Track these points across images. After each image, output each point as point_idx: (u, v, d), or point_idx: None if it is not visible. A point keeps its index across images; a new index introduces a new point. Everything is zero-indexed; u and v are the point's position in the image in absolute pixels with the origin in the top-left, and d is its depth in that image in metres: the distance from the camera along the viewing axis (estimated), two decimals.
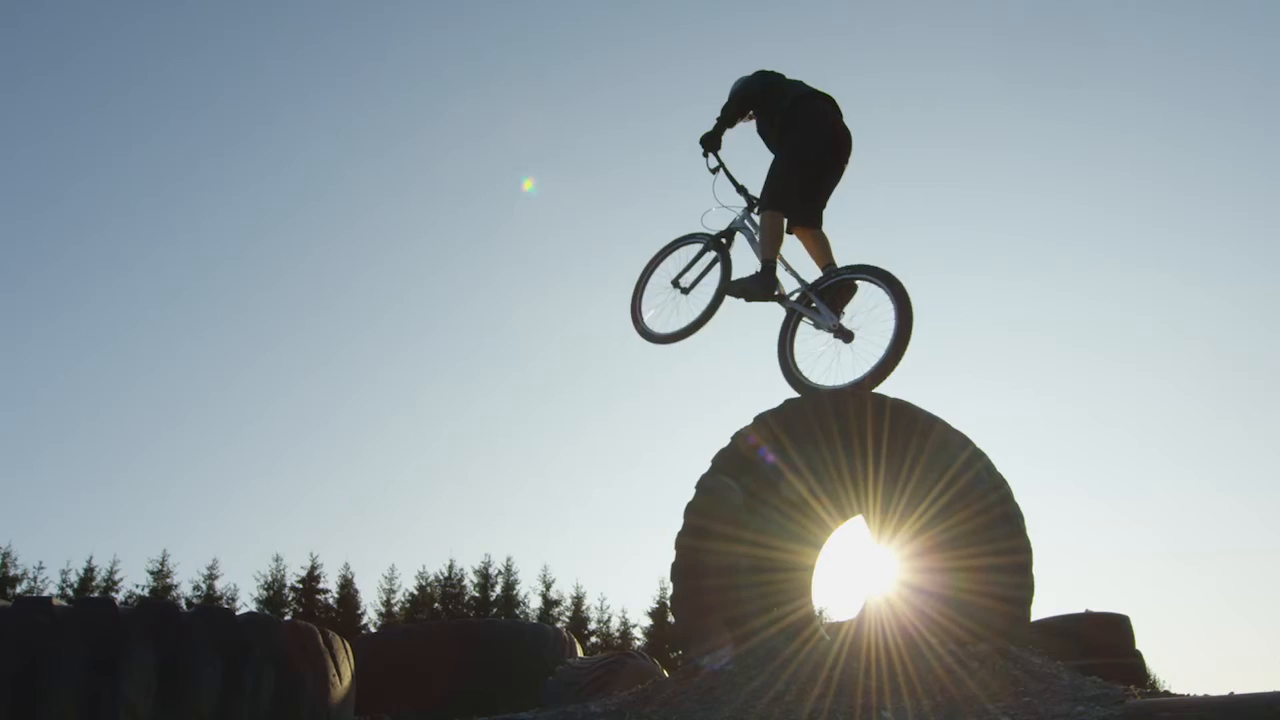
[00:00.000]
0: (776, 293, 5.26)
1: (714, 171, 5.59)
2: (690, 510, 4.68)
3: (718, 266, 5.56)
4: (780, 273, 5.29)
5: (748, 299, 5.32)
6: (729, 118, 5.57)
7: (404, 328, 51.04)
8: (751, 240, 5.52)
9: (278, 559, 28.33)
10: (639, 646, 28.48)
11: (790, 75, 5.68)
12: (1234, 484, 49.52)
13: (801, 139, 5.31)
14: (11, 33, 43.55)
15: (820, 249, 5.36)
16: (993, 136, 54.65)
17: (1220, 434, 50.05)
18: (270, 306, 49.23)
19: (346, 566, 28.96)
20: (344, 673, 2.70)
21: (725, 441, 4.75)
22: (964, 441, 4.29)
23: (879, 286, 4.90)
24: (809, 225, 5.35)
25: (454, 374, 49.78)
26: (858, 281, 5.10)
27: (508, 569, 30.58)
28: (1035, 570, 4.10)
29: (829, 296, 5.12)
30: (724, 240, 5.60)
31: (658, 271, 5.80)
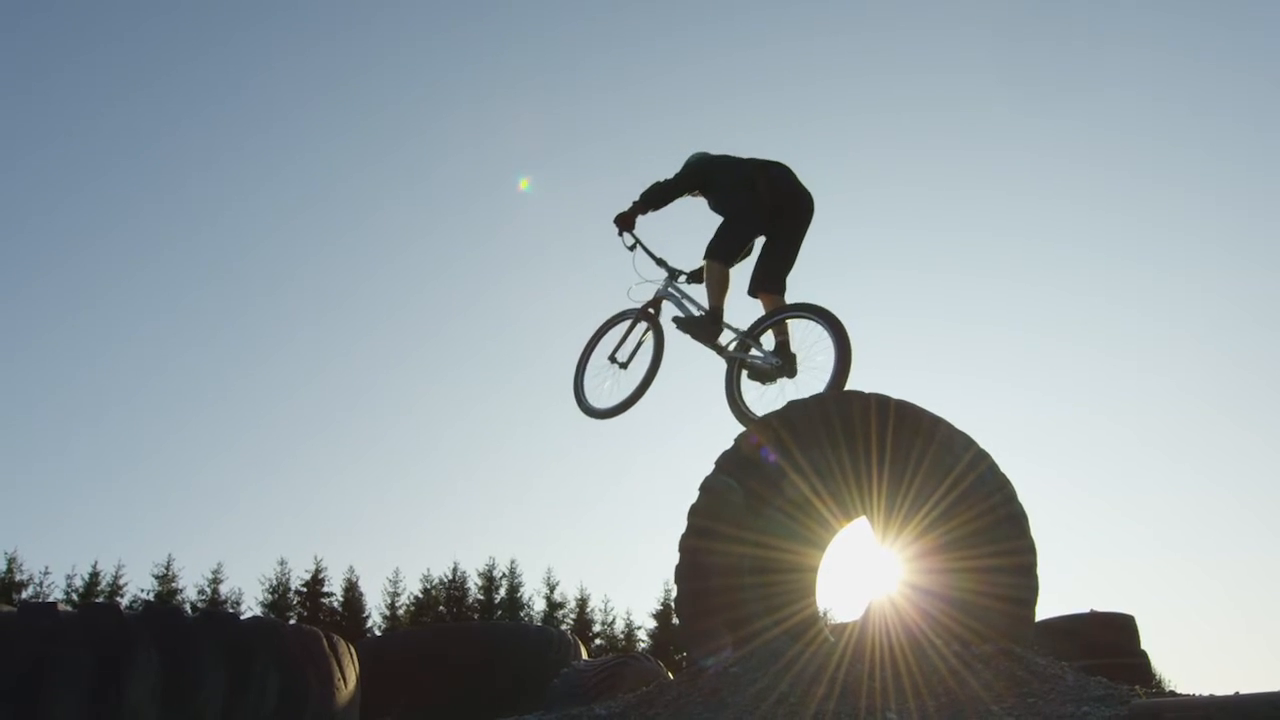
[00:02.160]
0: (719, 339, 5.40)
1: (631, 249, 5.75)
2: (694, 512, 4.68)
3: (651, 335, 5.73)
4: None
5: (693, 336, 5.48)
6: (649, 200, 5.69)
7: (407, 331, 51.10)
8: (679, 304, 5.69)
9: (282, 563, 28.42)
10: (643, 649, 28.45)
11: (741, 150, 5.74)
12: (1239, 484, 49.44)
13: (755, 201, 5.38)
14: (11, 36, 43.65)
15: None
16: (990, 136, 54.43)
17: (1226, 434, 49.98)
18: (273, 311, 49.29)
19: (351, 570, 29.05)
20: (349, 676, 2.70)
21: (729, 443, 4.75)
22: (968, 442, 4.28)
23: (816, 323, 5.02)
24: (773, 291, 5.42)
25: (457, 377, 49.82)
26: (796, 320, 5.22)
27: (512, 572, 30.62)
28: (1040, 571, 4.10)
29: (767, 341, 5.28)
30: (652, 310, 5.77)
31: (596, 351, 5.98)
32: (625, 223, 5.73)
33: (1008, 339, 52.74)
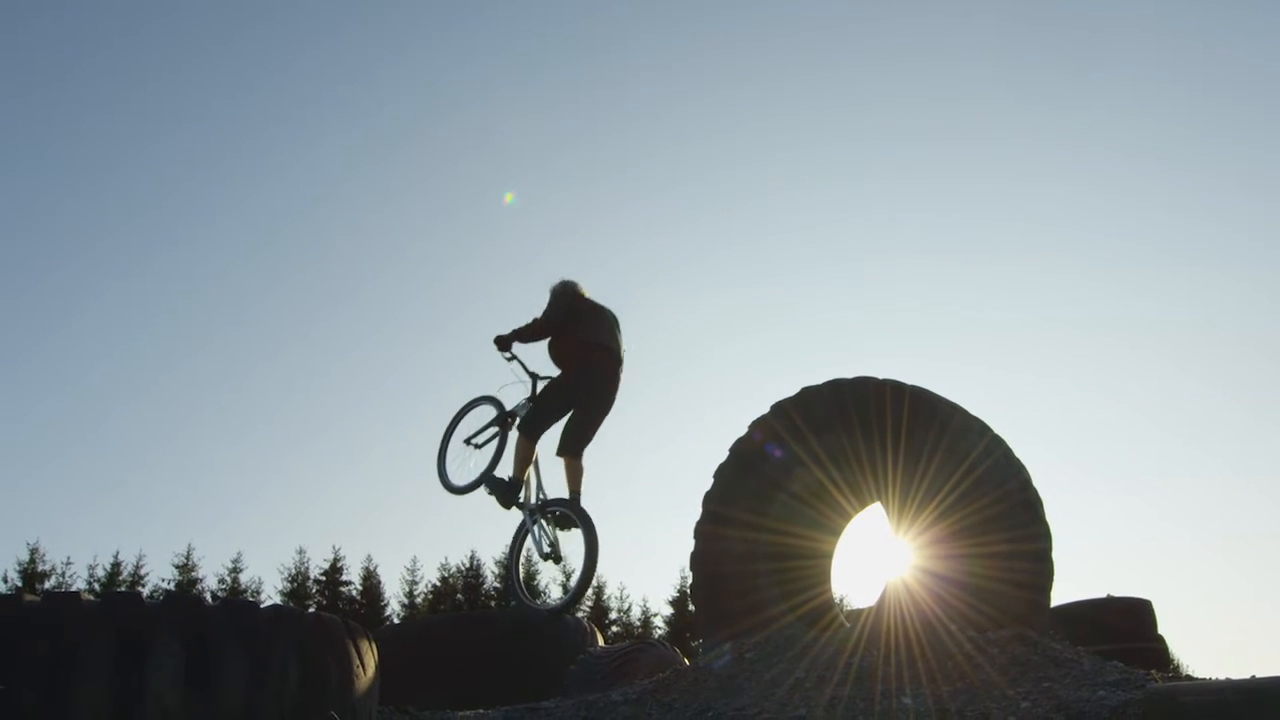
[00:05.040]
0: (520, 501, 6.57)
1: (509, 360, 6.79)
2: (709, 499, 4.69)
3: (496, 442, 6.85)
4: (534, 472, 6.65)
5: (497, 498, 6.59)
6: (525, 337, 6.63)
7: (423, 321, 51.25)
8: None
9: (301, 552, 28.59)
10: (659, 636, 28.52)
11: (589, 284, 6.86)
12: (1256, 469, 49.10)
13: (571, 389, 6.46)
14: (12, 39, 43.79)
15: (573, 477, 6.54)
16: (996, 127, 53.73)
17: (1242, 420, 49.62)
18: (292, 303, 49.51)
19: (369, 559, 29.18)
20: (367, 664, 2.72)
21: (744, 430, 4.75)
22: (983, 428, 4.27)
23: (581, 533, 6.19)
24: (574, 454, 6.54)
25: (472, 365, 49.94)
26: (571, 518, 6.34)
27: (528, 560, 30.70)
28: (1055, 556, 4.10)
29: (553, 522, 6.50)
30: (509, 419, 6.86)
31: (462, 423, 7.13)
32: (502, 345, 6.71)
33: (1021, 326, 52.46)
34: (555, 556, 6.50)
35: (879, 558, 4.57)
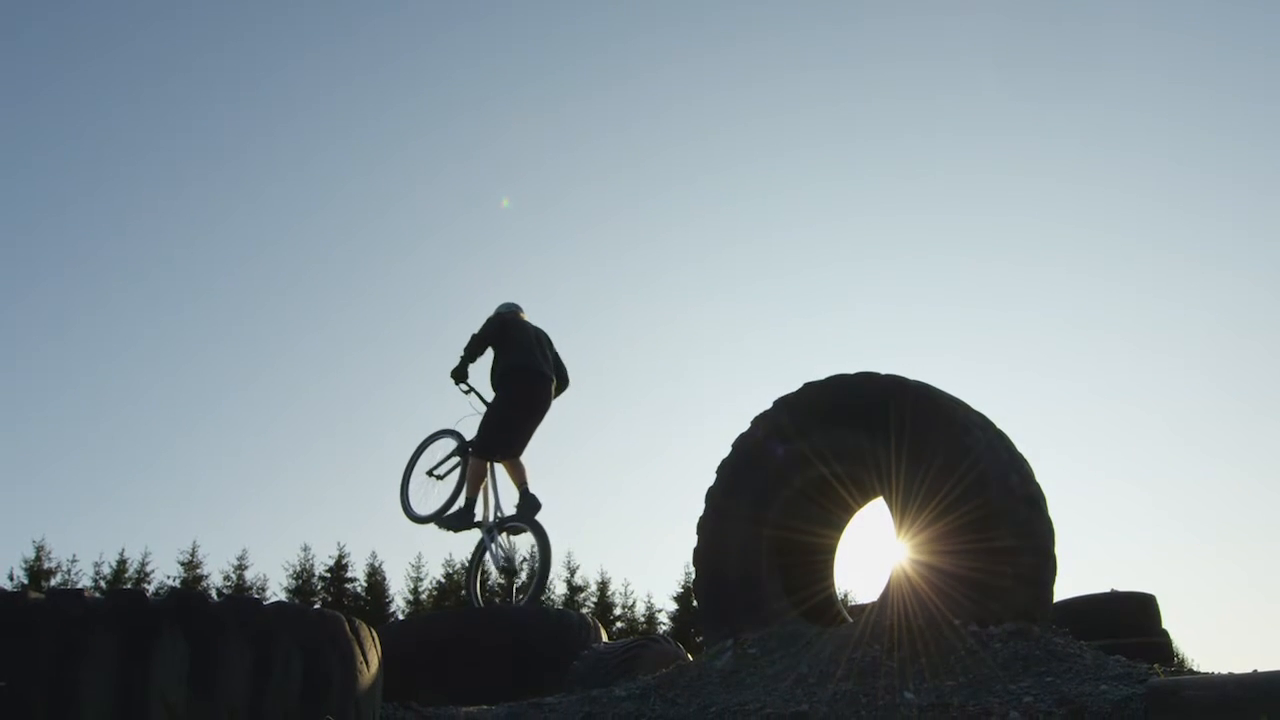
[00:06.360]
0: (477, 521, 7.05)
1: (466, 393, 7.26)
2: (712, 494, 4.70)
3: (458, 471, 7.34)
4: (482, 501, 7.14)
5: (452, 531, 7.05)
6: (471, 355, 7.15)
7: (429, 315, 51.23)
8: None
9: (306, 549, 28.58)
10: (664, 631, 28.56)
11: (528, 312, 7.45)
12: (1261, 463, 49.00)
13: (507, 406, 6.96)
14: (14, 39, 43.79)
15: (517, 474, 7.01)
16: (997, 125, 53.46)
17: (1247, 414, 49.52)
18: (295, 302, 49.52)
19: (374, 555, 29.18)
20: (371, 660, 2.73)
21: (747, 426, 4.75)
22: (985, 424, 4.27)
23: (535, 539, 6.67)
24: (512, 458, 7.03)
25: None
26: (525, 527, 6.79)
27: (533, 556, 30.73)
28: (1058, 551, 4.10)
29: (511, 533, 6.99)
30: (469, 449, 7.25)
31: (424, 455, 7.60)
32: (459, 376, 7.15)
33: (1022, 323, 52.31)
34: (512, 571, 6.95)
35: (881, 553, 4.58)
